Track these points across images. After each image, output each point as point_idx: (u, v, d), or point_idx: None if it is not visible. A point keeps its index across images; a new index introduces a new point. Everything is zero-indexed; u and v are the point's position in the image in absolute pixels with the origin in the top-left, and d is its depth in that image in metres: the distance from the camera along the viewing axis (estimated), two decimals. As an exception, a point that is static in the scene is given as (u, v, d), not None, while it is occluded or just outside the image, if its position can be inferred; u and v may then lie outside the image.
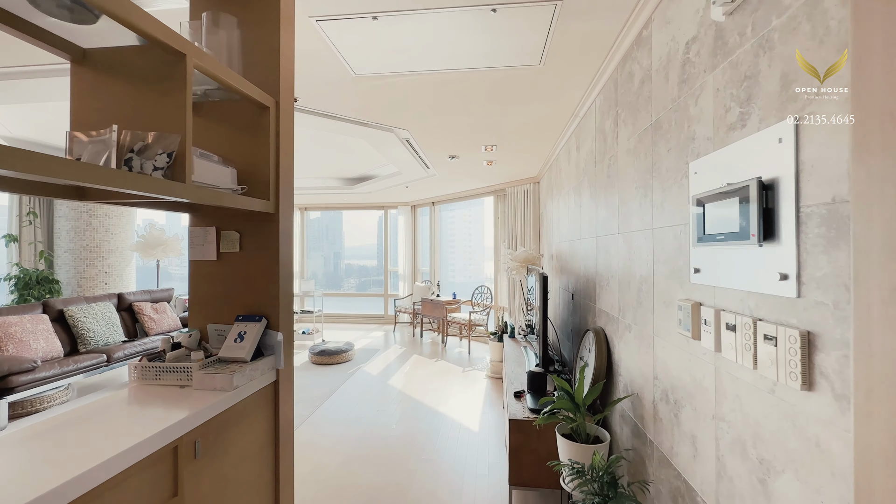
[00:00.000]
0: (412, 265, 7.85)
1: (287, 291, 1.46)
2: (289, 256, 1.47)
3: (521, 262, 4.29)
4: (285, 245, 1.44)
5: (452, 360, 5.32)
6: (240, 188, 1.33)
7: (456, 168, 4.77)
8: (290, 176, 1.51)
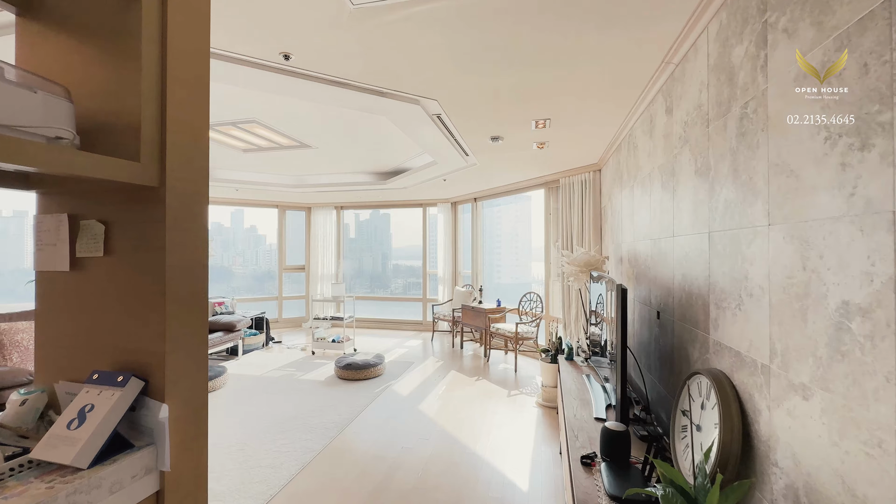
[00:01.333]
0: (452, 268, 7.18)
1: (189, 324, 0.82)
2: (193, 262, 0.84)
3: (580, 266, 3.47)
4: (182, 243, 0.81)
5: (496, 378, 4.57)
6: (70, 135, 0.71)
7: (500, 154, 4.03)
8: (200, 128, 0.88)
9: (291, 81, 2.30)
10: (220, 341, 5.00)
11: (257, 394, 4.02)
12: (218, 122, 3.60)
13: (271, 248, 7.74)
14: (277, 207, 7.71)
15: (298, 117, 3.54)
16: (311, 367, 5.01)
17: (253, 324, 6.02)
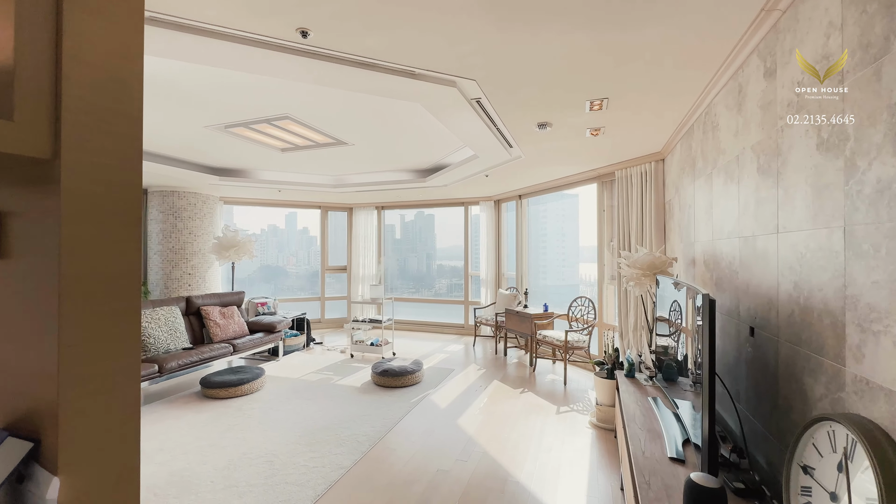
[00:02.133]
0: (495, 269, 6.81)
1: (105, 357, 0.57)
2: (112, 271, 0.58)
3: (642, 269, 3.01)
4: (90, 243, 0.56)
5: (543, 391, 4.17)
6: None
7: (548, 143, 3.63)
8: (127, 75, 0.63)
9: (311, 64, 2.08)
10: (260, 342, 4.99)
11: (292, 399, 3.91)
12: (251, 119, 3.51)
13: (329, 247, 7.85)
14: (320, 208, 7.74)
15: (331, 112, 3.36)
16: (348, 370, 4.87)
17: (294, 324, 6.02)
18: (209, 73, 2.63)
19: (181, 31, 1.81)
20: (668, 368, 2.42)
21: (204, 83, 2.81)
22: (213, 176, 5.36)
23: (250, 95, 3.02)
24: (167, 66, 2.53)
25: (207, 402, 3.81)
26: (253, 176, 5.67)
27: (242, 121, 3.54)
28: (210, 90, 2.92)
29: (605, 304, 4.79)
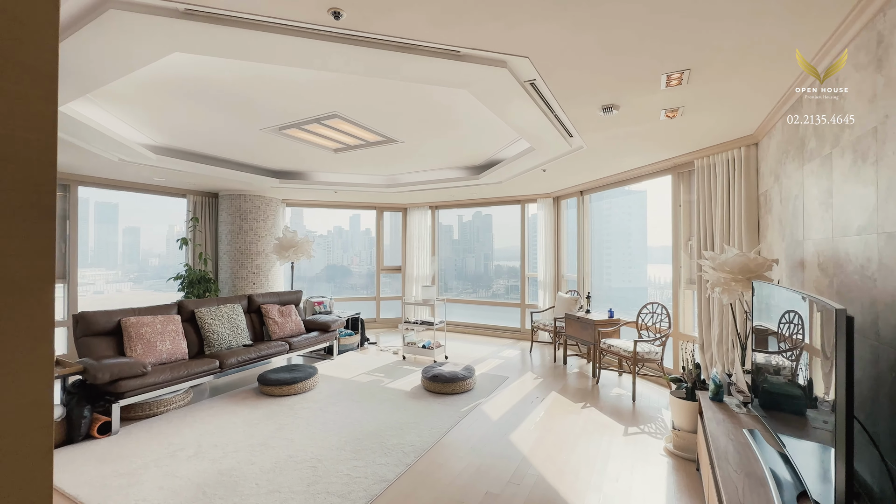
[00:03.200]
0: (554, 271, 6.39)
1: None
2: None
3: (732, 272, 2.53)
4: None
5: (608, 407, 3.74)
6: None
7: (614, 130, 3.23)
8: (20, 25, 0.47)
9: (345, 51, 1.94)
10: (315, 341, 5.07)
11: (342, 400, 3.87)
12: (302, 120, 3.51)
13: (386, 248, 7.97)
14: (375, 209, 7.81)
15: (378, 108, 3.25)
16: (399, 373, 4.78)
17: (349, 324, 6.08)
18: (257, 75, 2.62)
19: (215, 23, 1.75)
20: (769, 394, 1.97)
21: (254, 86, 2.82)
22: (274, 179, 5.56)
23: (298, 95, 2.99)
24: (218, 70, 2.55)
25: (263, 399, 3.89)
26: (310, 178, 5.81)
27: (294, 122, 3.56)
28: (260, 93, 2.93)
29: (681, 312, 4.22)
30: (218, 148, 4.42)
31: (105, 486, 2.45)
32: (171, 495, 2.36)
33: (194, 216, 6.03)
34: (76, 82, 2.34)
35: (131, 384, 3.22)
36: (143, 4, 1.65)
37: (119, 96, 3.02)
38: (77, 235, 5.16)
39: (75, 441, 2.99)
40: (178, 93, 2.95)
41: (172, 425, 3.32)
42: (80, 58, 2.03)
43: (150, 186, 5.73)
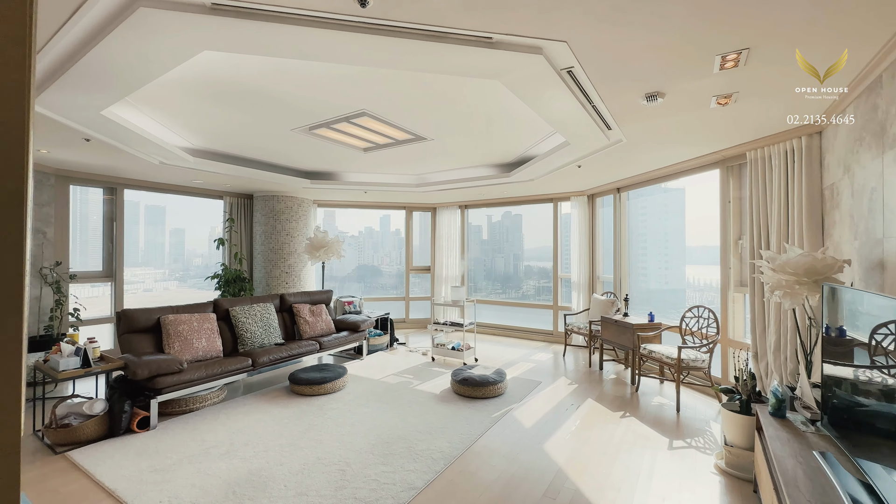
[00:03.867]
0: (589, 272, 6.13)
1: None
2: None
3: (796, 274, 2.28)
4: None
5: (649, 417, 3.51)
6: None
7: (657, 121, 3.01)
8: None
9: (372, 42, 1.87)
10: (345, 340, 5.07)
11: (371, 402, 3.83)
12: (331, 119, 3.49)
13: (415, 248, 7.97)
14: (405, 209, 7.79)
15: (406, 105, 3.18)
16: (428, 375, 4.70)
17: (378, 324, 6.07)
18: (286, 73, 2.60)
19: (242, 17, 1.72)
20: (846, 412, 1.73)
21: (283, 86, 2.81)
22: (305, 179, 5.62)
23: (326, 94, 2.96)
24: (247, 71, 2.55)
25: (294, 399, 3.91)
26: (340, 178, 5.84)
27: (323, 121, 3.54)
28: (289, 92, 2.92)
29: (730, 317, 3.91)
30: (251, 149, 4.49)
31: (141, 482, 2.49)
32: (201, 494, 2.37)
33: (230, 217, 6.20)
34: (115, 85, 2.39)
35: (168, 381, 3.29)
36: (172, 1, 1.63)
37: (156, 99, 3.10)
38: (123, 236, 5.40)
39: (116, 435, 3.08)
40: (211, 95, 2.99)
41: (207, 422, 3.37)
42: (116, 60, 2.06)
43: (190, 188, 5.94)
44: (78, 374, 3.06)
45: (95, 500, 2.33)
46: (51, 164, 4.44)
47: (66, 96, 2.54)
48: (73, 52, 2.04)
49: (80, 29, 1.82)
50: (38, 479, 2.54)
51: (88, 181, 5.04)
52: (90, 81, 2.33)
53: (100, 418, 3.05)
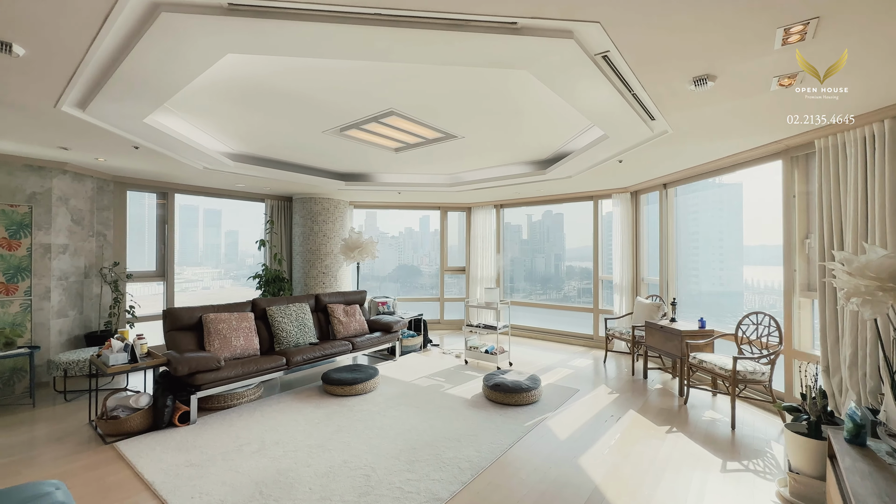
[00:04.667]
0: (632, 273, 5.77)
1: None
2: None
3: (880, 279, 1.96)
4: None
5: (699, 433, 3.20)
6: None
7: (707, 108, 2.73)
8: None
9: (392, 34, 1.79)
10: (377, 341, 5.07)
11: (400, 404, 3.78)
12: (360, 119, 3.47)
13: (452, 249, 7.94)
14: (439, 209, 7.73)
15: (434, 101, 3.09)
16: (460, 378, 4.59)
17: (412, 325, 6.04)
18: (311, 74, 2.59)
19: (259, 16, 1.70)
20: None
21: (311, 87, 2.81)
22: (340, 181, 5.70)
23: (352, 93, 2.93)
24: (275, 74, 2.56)
25: (326, 398, 3.94)
26: (374, 179, 5.87)
27: (353, 122, 3.54)
28: (317, 93, 2.92)
29: (796, 325, 3.50)
30: (286, 152, 4.59)
31: (177, 476, 2.57)
32: (230, 491, 2.40)
33: (270, 219, 6.41)
34: (151, 94, 2.48)
35: (207, 377, 3.41)
36: (188, 4, 1.64)
37: (193, 106, 3.21)
38: (174, 238, 5.73)
39: (159, 428, 3.23)
40: (242, 99, 3.05)
41: (243, 419, 3.46)
42: (148, 68, 2.12)
43: (233, 192, 6.20)
44: (125, 370, 3.23)
45: (134, 492, 2.42)
46: (109, 171, 4.77)
47: (111, 106, 2.68)
48: (111, 62, 2.12)
49: (113, 38, 1.88)
50: (89, 468, 2.69)
51: (143, 187, 5.38)
52: (128, 91, 2.43)
53: (145, 412, 3.20)
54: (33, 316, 4.17)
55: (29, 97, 2.54)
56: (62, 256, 4.42)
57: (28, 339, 4.11)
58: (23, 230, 4.13)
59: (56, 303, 4.34)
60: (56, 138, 3.41)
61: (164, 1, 1.63)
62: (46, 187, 4.28)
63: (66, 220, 4.47)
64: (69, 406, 3.76)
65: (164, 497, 2.35)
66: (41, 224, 4.24)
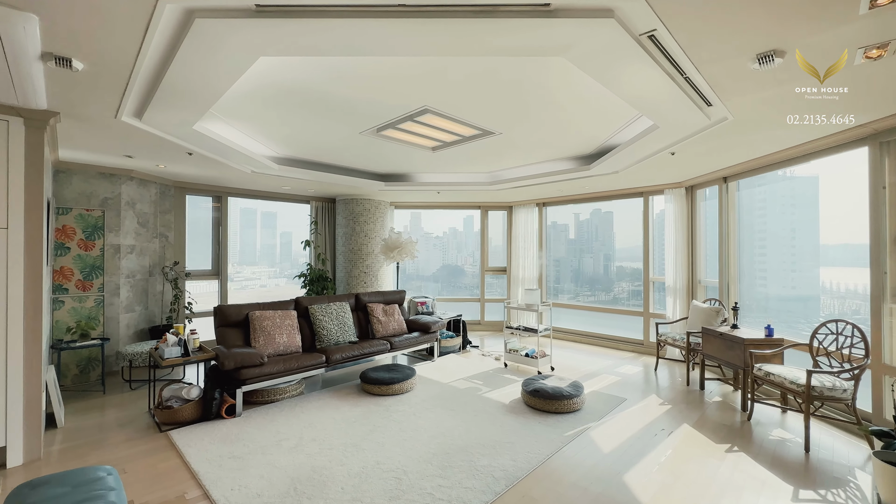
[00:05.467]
0: (687, 275, 5.35)
1: None
2: None
3: None
4: None
5: (766, 455, 2.86)
6: None
7: (774, 89, 2.43)
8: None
9: (420, 26, 1.72)
10: (416, 341, 5.06)
11: (436, 406, 3.73)
12: (394, 119, 3.46)
13: (496, 249, 7.85)
14: (480, 208, 7.63)
15: (468, 97, 3.01)
16: (498, 382, 4.47)
17: (451, 326, 5.98)
18: (344, 75, 2.60)
19: (286, 17, 1.70)
20: None
21: (344, 88, 2.82)
22: (380, 182, 5.76)
23: (385, 92, 2.91)
24: (308, 75, 2.59)
25: (363, 397, 3.97)
26: (413, 179, 5.88)
27: (388, 121, 3.53)
28: (351, 94, 2.93)
29: (886, 335, 3.04)
30: (327, 155, 4.70)
31: (220, 467, 2.68)
32: (267, 486, 2.46)
33: (314, 220, 6.62)
34: (195, 100, 2.60)
35: (251, 372, 3.55)
36: (219, 9, 1.67)
37: (238, 112, 3.35)
38: (227, 238, 6.07)
39: (208, 419, 3.40)
40: (280, 103, 3.14)
41: (284, 414, 3.56)
42: (190, 75, 2.22)
43: (281, 194, 6.47)
44: (178, 363, 3.43)
45: (181, 480, 2.55)
46: (169, 177, 5.13)
47: (163, 114, 2.84)
48: (158, 72, 2.23)
49: (156, 48, 1.97)
50: (145, 454, 2.88)
51: (200, 191, 5.74)
52: (176, 99, 2.56)
53: (195, 403, 3.39)
54: (105, 310, 4.57)
55: (92, 109, 2.76)
56: (129, 256, 4.81)
57: (100, 331, 4.51)
58: (96, 232, 4.54)
59: (124, 298, 4.72)
60: (121, 147, 3.70)
61: (197, 7, 1.67)
62: (116, 193, 4.67)
63: (132, 223, 4.86)
64: (133, 394, 4.08)
65: (207, 487, 2.45)
66: (112, 226, 4.64)
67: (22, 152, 2.74)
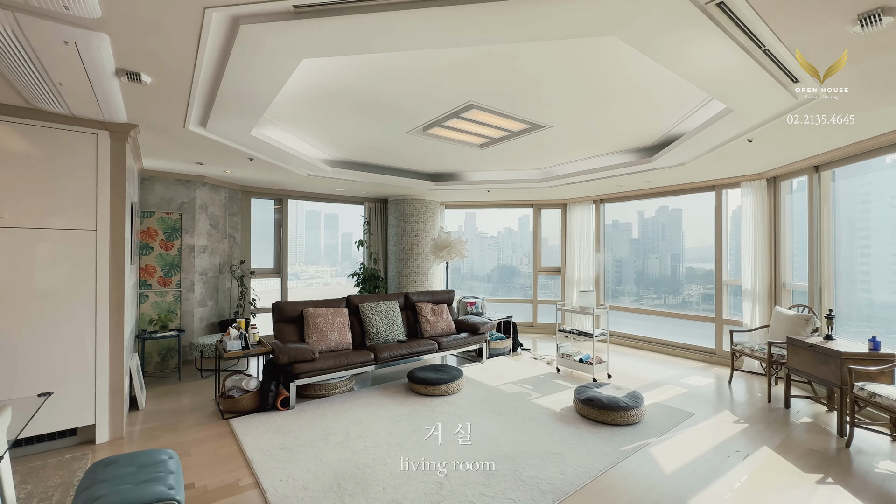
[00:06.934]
0: (768, 277, 4.75)
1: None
2: None
3: None
4: None
5: (869, 491, 2.42)
6: None
7: (880, 58, 2.04)
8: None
9: (461, 14, 1.64)
10: (464, 342, 4.99)
11: (483, 410, 3.63)
12: (440, 116, 3.41)
13: (552, 249, 7.62)
14: (532, 206, 7.39)
15: (514, 89, 2.88)
16: (549, 387, 4.26)
17: (501, 327, 5.84)
18: (387, 74, 2.60)
19: (324, 15, 1.71)
20: None
21: (389, 88, 2.82)
22: (430, 181, 5.77)
23: (429, 89, 2.87)
24: (352, 77, 2.62)
25: (410, 397, 3.98)
26: (462, 178, 5.81)
27: (433, 119, 3.49)
28: (395, 93, 2.92)
29: None
30: (376, 156, 4.78)
31: (272, 457, 2.80)
32: (312, 479, 2.52)
33: (367, 220, 6.80)
34: (249, 106, 2.73)
35: (303, 367, 3.69)
36: (260, 14, 1.72)
37: (291, 116, 3.49)
38: (287, 239, 6.41)
39: (264, 410, 3.58)
40: (328, 105, 3.21)
41: (333, 409, 3.66)
42: (241, 82, 2.32)
43: (335, 196, 6.72)
44: (238, 355, 3.66)
45: (236, 467, 2.69)
46: (236, 181, 5.52)
47: (224, 122, 3.03)
48: (214, 81, 2.37)
49: (210, 57, 2.08)
50: (208, 439, 3.09)
51: (263, 194, 6.12)
52: (232, 106, 2.71)
53: (253, 394, 3.58)
54: (181, 304, 5.01)
55: (164, 120, 3.01)
56: (202, 255, 5.24)
57: (177, 324, 4.96)
58: (175, 233, 4.99)
59: (198, 294, 5.15)
60: (191, 155, 4.02)
61: (241, 13, 1.73)
62: (191, 197, 5.11)
63: (205, 225, 5.29)
64: (203, 382, 4.42)
65: (259, 476, 2.56)
66: (187, 228, 5.08)
67: (108, 162, 3.06)
